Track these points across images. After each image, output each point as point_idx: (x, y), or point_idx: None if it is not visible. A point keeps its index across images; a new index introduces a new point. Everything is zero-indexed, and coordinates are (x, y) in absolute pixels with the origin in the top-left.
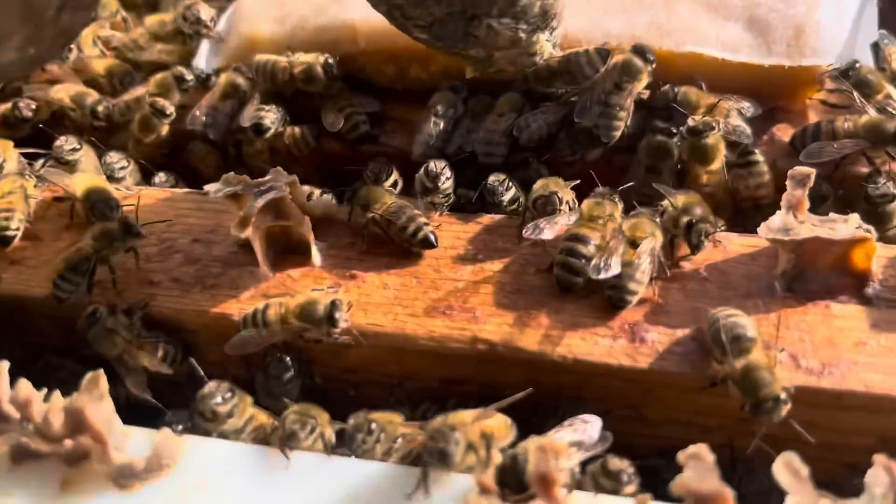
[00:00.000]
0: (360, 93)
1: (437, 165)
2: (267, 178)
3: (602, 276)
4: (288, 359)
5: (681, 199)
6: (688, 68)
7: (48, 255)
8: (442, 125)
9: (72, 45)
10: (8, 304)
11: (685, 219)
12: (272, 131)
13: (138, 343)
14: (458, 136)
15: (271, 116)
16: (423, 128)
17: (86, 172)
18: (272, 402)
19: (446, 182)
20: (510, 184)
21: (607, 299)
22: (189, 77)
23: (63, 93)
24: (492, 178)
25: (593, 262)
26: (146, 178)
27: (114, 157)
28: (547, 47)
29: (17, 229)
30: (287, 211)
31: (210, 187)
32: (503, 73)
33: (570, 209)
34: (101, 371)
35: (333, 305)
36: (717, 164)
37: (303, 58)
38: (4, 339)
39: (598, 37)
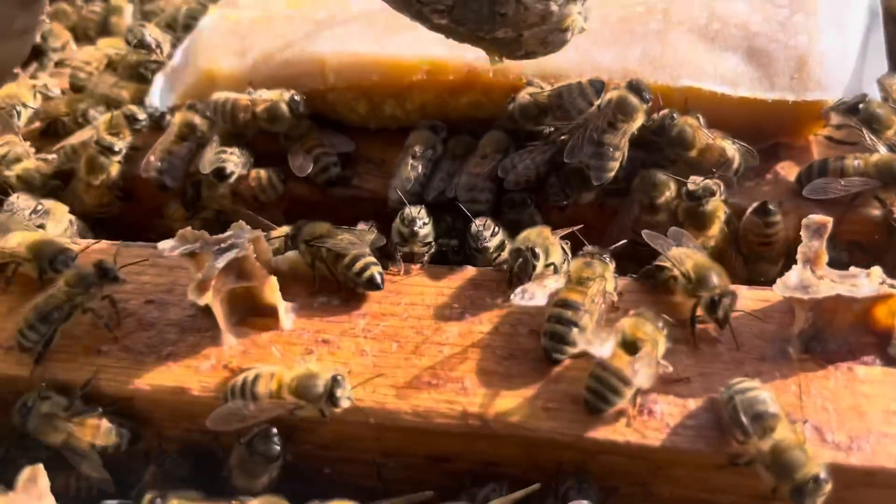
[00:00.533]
0: (330, 131)
1: (413, 210)
2: (227, 234)
3: (596, 352)
4: (275, 431)
5: (689, 264)
6: (685, 103)
7: None
8: (420, 168)
9: (16, 107)
10: None
11: (706, 295)
12: (235, 176)
13: (79, 420)
14: (439, 180)
15: (234, 160)
16: (399, 171)
17: (19, 231)
18: (247, 483)
19: (424, 228)
20: (496, 229)
21: (583, 403)
22: (141, 116)
23: (13, 172)
24: (478, 222)
25: (587, 338)
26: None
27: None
28: (578, 21)
29: None
30: (251, 271)
31: (164, 245)
32: (532, 57)
33: (564, 260)
34: (40, 466)
35: (335, 382)
36: (715, 229)
37: (266, 95)
38: None
39: (587, 70)
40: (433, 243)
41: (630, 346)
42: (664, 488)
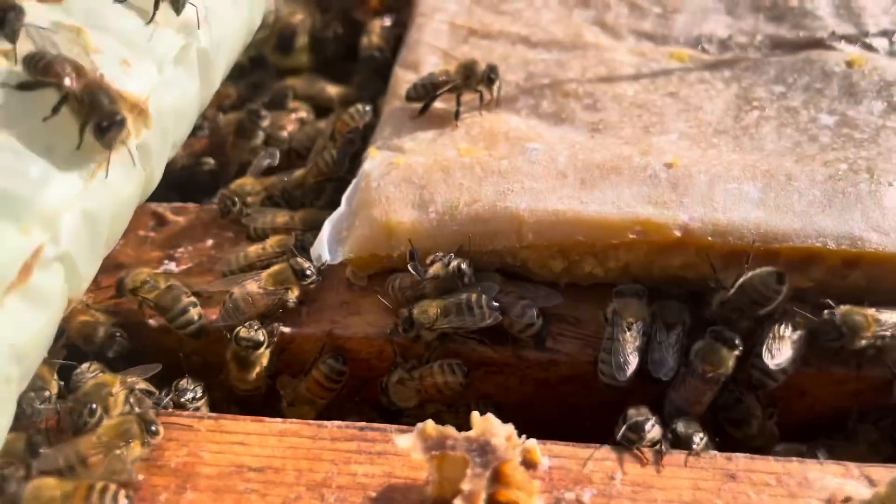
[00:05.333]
0: (527, 283)
1: (636, 413)
2: (477, 431)
3: None
4: None
5: None
6: None
7: None
8: (638, 341)
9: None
10: None
11: None
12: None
13: None
14: (670, 356)
15: None
16: (615, 347)
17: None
18: None
19: (653, 430)
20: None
21: None
22: (310, 272)
23: None
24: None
25: None
26: None
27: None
28: None
29: None
30: (511, 476)
31: (405, 442)
32: None
33: None
34: None
35: None
36: None
37: (432, 270)
38: None
39: (812, 235)
40: (662, 441)
41: None
42: None
